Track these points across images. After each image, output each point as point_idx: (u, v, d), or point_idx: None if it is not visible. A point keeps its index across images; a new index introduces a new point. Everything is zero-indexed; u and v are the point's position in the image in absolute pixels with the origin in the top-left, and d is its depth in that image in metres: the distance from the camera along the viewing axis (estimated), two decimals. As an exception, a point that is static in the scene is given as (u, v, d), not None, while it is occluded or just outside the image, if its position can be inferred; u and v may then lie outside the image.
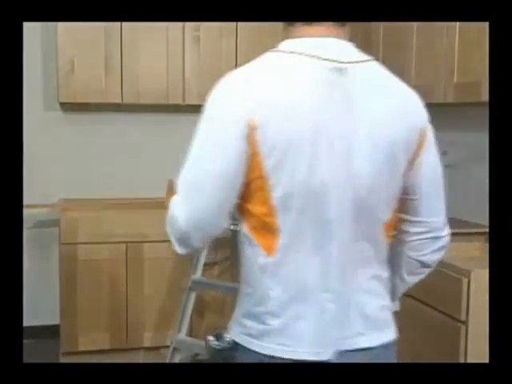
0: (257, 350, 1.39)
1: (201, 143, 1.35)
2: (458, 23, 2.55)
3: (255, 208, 1.37)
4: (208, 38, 3.66)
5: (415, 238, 1.53)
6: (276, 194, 1.33)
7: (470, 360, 2.12)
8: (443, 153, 3.39)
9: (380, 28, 3.20)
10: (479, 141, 2.96)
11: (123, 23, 3.53)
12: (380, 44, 3.21)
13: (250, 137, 1.30)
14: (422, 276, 1.63)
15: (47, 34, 3.72)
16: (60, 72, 3.52)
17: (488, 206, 2.83)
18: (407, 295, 2.41)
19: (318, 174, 1.33)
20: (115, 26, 3.53)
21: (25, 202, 2.70)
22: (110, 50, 3.56)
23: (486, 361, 1.57)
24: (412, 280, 1.63)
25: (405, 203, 1.49)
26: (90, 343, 3.54)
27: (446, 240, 1.58)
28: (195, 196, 1.36)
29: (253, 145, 1.30)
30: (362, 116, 1.35)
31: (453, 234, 2.77)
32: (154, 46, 3.59)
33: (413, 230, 1.53)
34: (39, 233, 3.86)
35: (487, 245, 2.68)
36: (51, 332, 3.70)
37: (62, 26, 3.49)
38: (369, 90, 1.38)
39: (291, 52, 1.36)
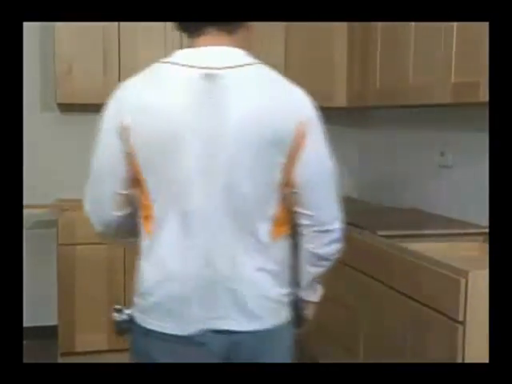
0: (141, 324, 1.60)
1: (94, 142, 1.60)
2: (455, 23, 2.55)
3: (141, 199, 1.59)
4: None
5: (307, 230, 1.61)
6: (150, 187, 1.55)
7: (467, 360, 2.12)
8: (441, 153, 3.42)
9: (378, 29, 3.20)
10: (477, 141, 2.96)
11: (121, 24, 3.52)
12: (378, 44, 3.21)
13: (124, 136, 1.52)
14: (324, 269, 1.69)
15: (45, 35, 3.71)
16: (58, 73, 3.52)
17: (486, 206, 2.84)
18: (405, 295, 2.42)
19: (181, 170, 1.50)
20: (113, 26, 3.53)
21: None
22: (107, 50, 3.56)
23: (484, 361, 1.57)
24: (315, 271, 1.69)
25: (294, 197, 1.58)
26: (87, 344, 3.54)
27: (336, 234, 1.63)
28: (89, 188, 1.64)
29: (127, 144, 1.52)
30: (230, 115, 1.48)
31: (450, 235, 2.80)
32: (152, 47, 3.57)
33: (303, 222, 1.61)
34: (37, 233, 3.86)
35: (485, 245, 2.69)
36: (49, 333, 3.70)
37: (59, 27, 3.48)
38: (241, 92, 1.50)
39: (168, 62, 1.54)
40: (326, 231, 1.61)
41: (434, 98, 2.71)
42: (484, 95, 2.37)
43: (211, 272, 1.53)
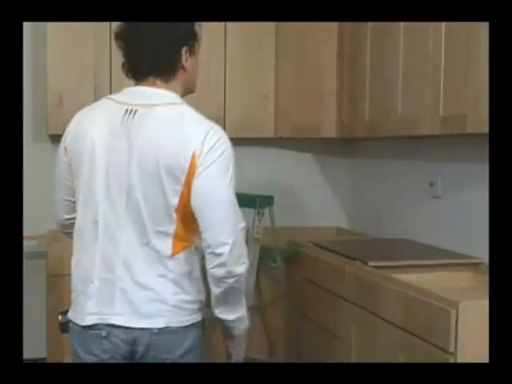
0: (70, 317, 1.92)
1: None
2: (443, 55, 2.58)
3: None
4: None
5: (204, 251, 1.81)
6: (77, 195, 1.90)
7: (459, 392, 2.11)
8: (430, 184, 3.44)
9: (367, 61, 3.24)
10: (466, 171, 2.98)
11: (112, 57, 3.53)
12: (367, 77, 3.25)
13: (66, 153, 1.91)
14: (223, 290, 1.84)
15: (37, 67, 3.73)
16: (49, 105, 3.53)
17: (475, 237, 2.85)
18: (396, 326, 2.42)
19: (93, 186, 1.83)
20: (104, 57, 3.54)
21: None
22: (98, 84, 3.57)
23: (475, 393, 1.58)
24: (217, 290, 1.85)
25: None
26: (76, 376, 3.50)
27: (224, 258, 1.78)
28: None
29: (68, 158, 1.91)
30: (135, 145, 1.79)
31: (440, 265, 2.80)
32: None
33: (203, 244, 1.82)
34: (27, 264, 3.83)
35: (475, 275, 2.70)
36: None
37: (52, 59, 3.51)
38: (148, 126, 1.80)
39: (107, 98, 1.93)
40: (214, 254, 1.78)
41: (423, 129, 2.74)
42: (472, 127, 2.40)
43: (111, 275, 1.82)
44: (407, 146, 3.45)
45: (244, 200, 3.29)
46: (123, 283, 1.81)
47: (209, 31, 3.65)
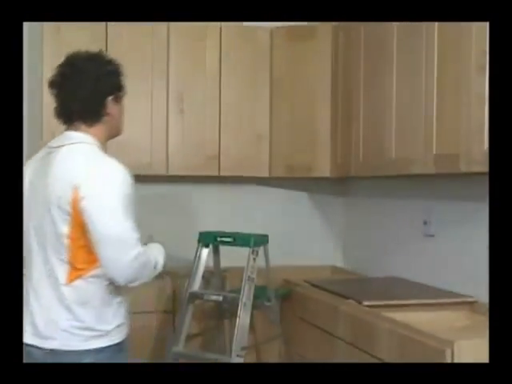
0: None
1: None
2: (435, 95, 2.61)
3: None
4: (192, 110, 3.72)
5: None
6: None
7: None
8: (424, 222, 3.44)
9: (360, 103, 3.28)
10: (459, 210, 2.99)
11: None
12: (360, 119, 3.28)
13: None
14: None
15: (32, 92, 3.70)
16: (44, 132, 3.49)
17: (470, 275, 2.85)
18: (390, 365, 2.40)
19: (25, 221, 2.05)
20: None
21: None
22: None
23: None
24: None
25: None
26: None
27: (121, 283, 2.04)
28: None
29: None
30: (43, 182, 2.04)
31: (435, 304, 2.80)
32: (138, 119, 3.59)
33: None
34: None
35: (470, 314, 2.69)
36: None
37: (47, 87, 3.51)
38: (53, 165, 2.04)
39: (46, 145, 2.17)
40: (113, 280, 2.03)
41: (416, 169, 2.76)
42: (464, 166, 2.42)
43: (39, 303, 2.05)
44: (401, 184, 3.47)
45: (238, 239, 3.32)
46: (32, 307, 2.05)
47: (204, 71, 3.75)
